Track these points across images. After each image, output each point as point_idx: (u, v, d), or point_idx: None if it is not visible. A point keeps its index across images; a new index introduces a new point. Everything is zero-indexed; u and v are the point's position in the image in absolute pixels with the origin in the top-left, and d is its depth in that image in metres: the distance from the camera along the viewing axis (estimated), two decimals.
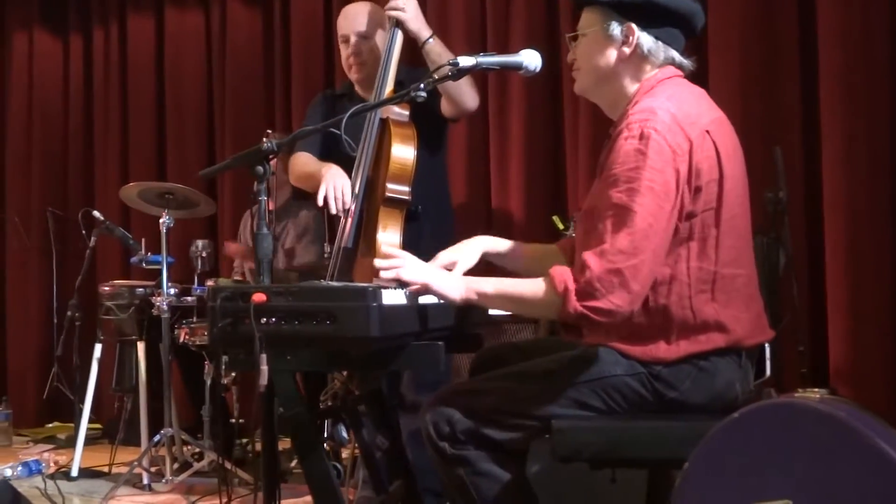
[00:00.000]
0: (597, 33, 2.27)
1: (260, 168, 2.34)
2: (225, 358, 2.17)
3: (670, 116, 2.12)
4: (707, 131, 2.16)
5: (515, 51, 2.41)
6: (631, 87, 2.27)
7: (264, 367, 1.94)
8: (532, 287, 2.14)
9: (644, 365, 2.16)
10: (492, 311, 2.78)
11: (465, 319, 2.54)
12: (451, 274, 2.28)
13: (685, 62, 2.29)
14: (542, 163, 4.58)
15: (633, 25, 2.23)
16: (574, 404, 2.17)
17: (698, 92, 2.29)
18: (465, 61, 2.31)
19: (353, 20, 3.52)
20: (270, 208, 4.53)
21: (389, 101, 3.01)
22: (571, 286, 2.06)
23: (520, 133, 4.60)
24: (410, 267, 2.21)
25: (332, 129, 2.43)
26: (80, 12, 6.34)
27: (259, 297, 1.96)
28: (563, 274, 2.09)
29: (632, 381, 2.16)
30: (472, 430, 2.17)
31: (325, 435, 3.43)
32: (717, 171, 2.15)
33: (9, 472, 4.43)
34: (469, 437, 2.17)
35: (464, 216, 4.35)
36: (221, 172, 2.52)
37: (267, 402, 2.15)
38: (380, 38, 3.46)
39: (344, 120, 2.32)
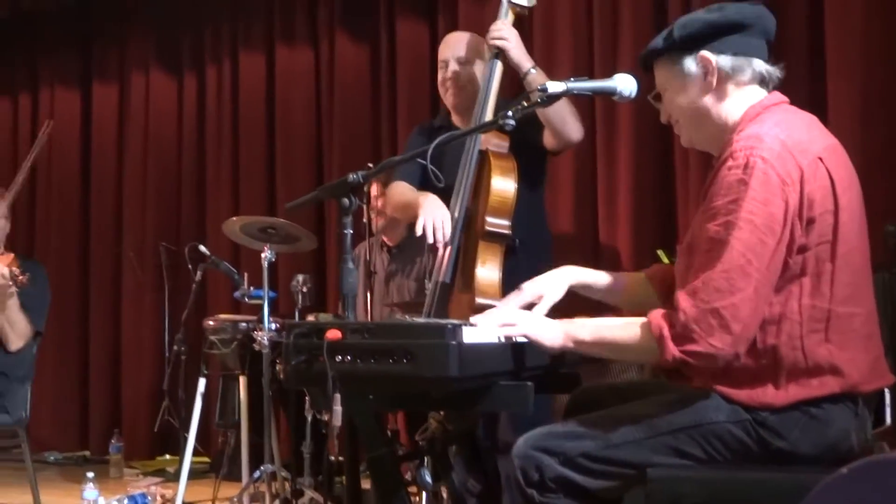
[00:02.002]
0: (675, 80, 2.16)
1: (346, 200, 2.28)
2: None
3: (779, 143, 1.97)
4: (820, 158, 1.99)
5: None
6: (730, 114, 2.13)
7: (338, 408, 1.85)
8: (629, 333, 2.03)
9: (749, 411, 1.99)
10: None
11: (561, 358, 2.42)
12: (548, 321, 2.17)
13: (773, 70, 2.14)
14: (651, 194, 4.43)
15: (705, 53, 2.10)
16: (672, 452, 2.02)
17: (809, 118, 2.13)
18: (555, 87, 2.20)
19: (453, 45, 3.49)
20: (390, 244, 4.55)
21: (477, 129, 2.90)
22: (667, 332, 1.93)
23: (628, 163, 4.45)
24: (506, 316, 2.13)
25: (420, 160, 2.35)
26: (193, 52, 6.48)
27: (333, 334, 1.88)
28: (658, 318, 1.96)
29: (735, 429, 1.99)
30: (562, 477, 2.04)
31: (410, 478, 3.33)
32: (832, 201, 1.99)
33: None
34: (559, 485, 2.04)
35: (569, 249, 4.23)
36: (309, 204, 2.47)
37: (348, 442, 2.07)
38: (479, 67, 3.40)
39: (430, 149, 2.24)
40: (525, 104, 2.25)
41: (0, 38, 7.11)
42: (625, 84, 2.24)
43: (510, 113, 2.20)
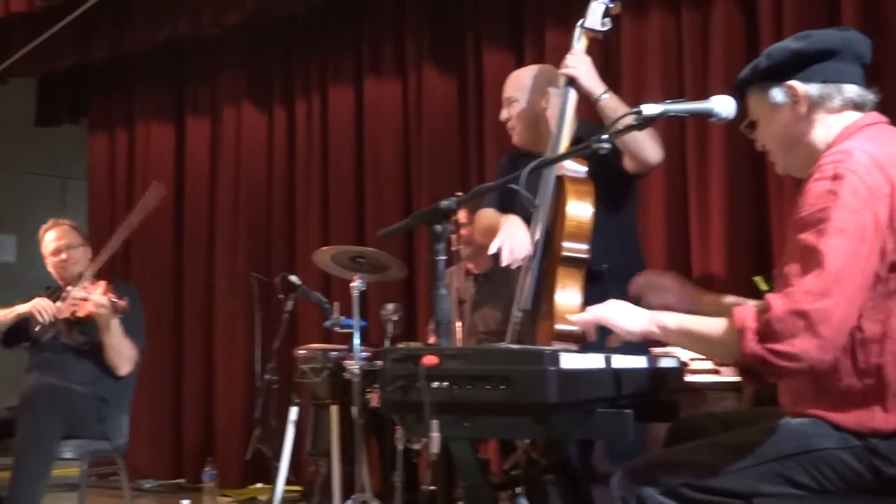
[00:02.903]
0: (765, 109, 2.16)
1: (438, 227, 2.28)
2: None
3: (868, 157, 1.94)
4: None
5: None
6: (822, 140, 2.11)
7: (435, 435, 1.84)
8: (714, 325, 2.01)
9: (859, 437, 1.92)
10: (690, 378, 2.60)
11: (660, 386, 2.37)
12: (632, 307, 2.15)
13: (867, 95, 2.11)
14: (745, 220, 4.35)
15: (793, 83, 2.09)
16: (780, 480, 1.96)
17: None
18: (651, 109, 2.17)
19: (506, 87, 3.50)
20: (475, 271, 4.55)
21: (570, 154, 2.87)
22: (751, 325, 1.89)
23: (721, 188, 4.38)
24: (592, 309, 2.16)
25: (512, 185, 2.34)
26: (283, 86, 6.59)
27: (430, 360, 1.87)
28: (743, 312, 1.92)
29: (846, 456, 1.92)
30: None
31: None
32: None
33: None
34: None
35: None
36: (402, 231, 2.48)
37: (442, 471, 2.05)
38: (543, 97, 3.36)
39: (523, 175, 2.23)
40: (620, 127, 2.22)
41: (100, 77, 7.35)
42: (722, 105, 2.21)
43: (605, 136, 2.18)
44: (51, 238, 4.36)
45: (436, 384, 1.88)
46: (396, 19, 6.08)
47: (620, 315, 2.11)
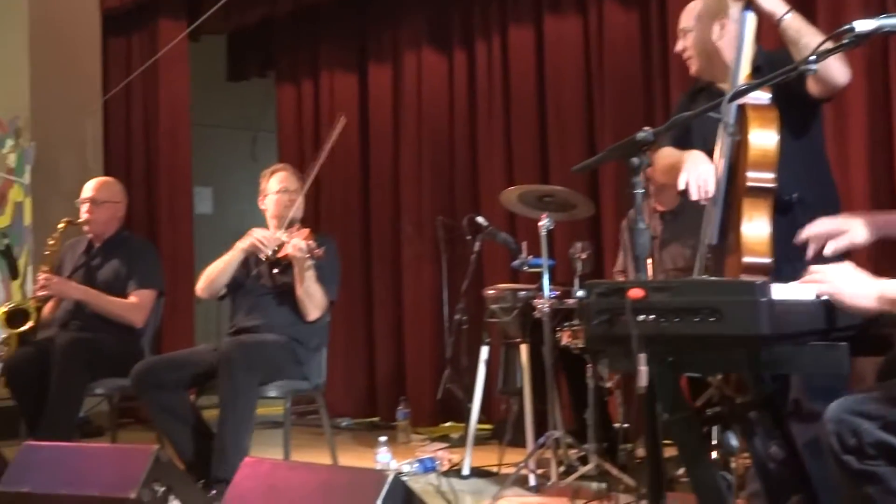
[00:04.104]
0: None
1: (635, 159, 2.23)
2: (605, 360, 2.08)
3: None
4: None
5: None
6: None
7: (643, 368, 1.82)
8: None
9: None
10: None
11: (874, 318, 2.26)
12: (861, 276, 2.03)
13: None
14: None
15: None
16: None
17: None
18: (865, 25, 2.04)
19: (682, 16, 3.39)
20: (660, 209, 4.47)
21: (772, 79, 2.72)
22: None
23: None
24: (827, 276, 2.02)
25: (712, 114, 2.27)
26: (463, 29, 6.60)
27: (636, 293, 1.85)
28: None
29: None
30: (883, 442, 1.91)
31: (714, 442, 3.24)
32: None
33: (407, 468, 4.66)
34: (880, 451, 1.91)
35: (862, 207, 3.97)
36: (596, 166, 2.44)
37: (648, 406, 2.03)
38: (722, 24, 3.20)
39: (725, 102, 2.16)
40: (830, 46, 2.11)
41: (286, 31, 7.57)
42: None
43: (813, 58, 2.08)
44: (279, 178, 4.54)
45: (641, 317, 1.86)
46: None
47: (851, 290, 1.98)
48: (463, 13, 6.59)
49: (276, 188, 4.51)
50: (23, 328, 4.85)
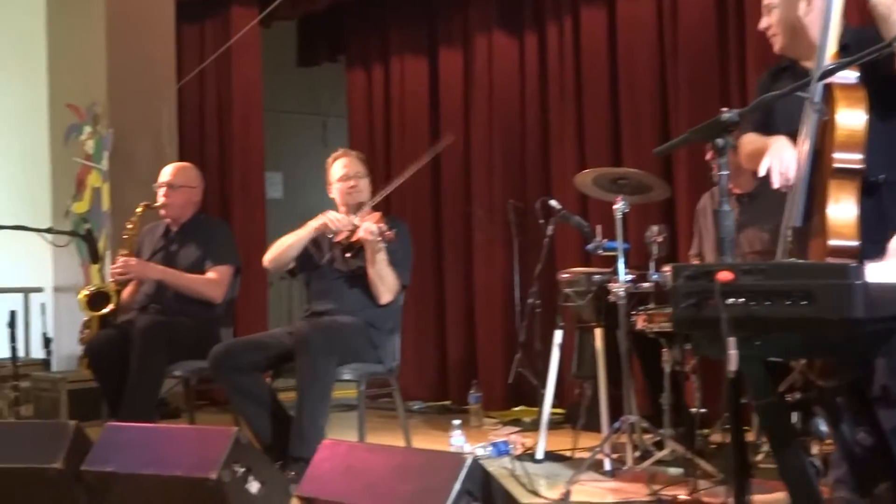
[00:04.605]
0: None
1: (720, 140, 2.20)
2: (686, 345, 2.05)
3: None
4: None
5: None
6: None
7: (733, 352, 1.79)
8: None
9: None
10: None
11: None
12: None
13: None
14: None
15: None
16: None
17: None
18: None
19: None
20: (737, 191, 4.39)
21: (863, 57, 2.65)
22: None
23: None
24: None
25: (800, 94, 2.21)
26: (534, 11, 6.56)
27: (725, 276, 1.82)
28: None
29: None
30: None
31: (802, 428, 3.19)
32: None
33: (480, 452, 4.67)
34: None
35: None
36: (678, 148, 2.40)
37: (733, 390, 2.00)
38: (805, 2, 3.11)
39: (814, 82, 2.10)
40: None
41: (355, 16, 7.59)
42: None
43: None
44: (341, 165, 4.56)
45: (730, 300, 1.82)
46: None
47: None
48: None
49: (339, 174, 4.53)
50: (104, 311, 4.96)
